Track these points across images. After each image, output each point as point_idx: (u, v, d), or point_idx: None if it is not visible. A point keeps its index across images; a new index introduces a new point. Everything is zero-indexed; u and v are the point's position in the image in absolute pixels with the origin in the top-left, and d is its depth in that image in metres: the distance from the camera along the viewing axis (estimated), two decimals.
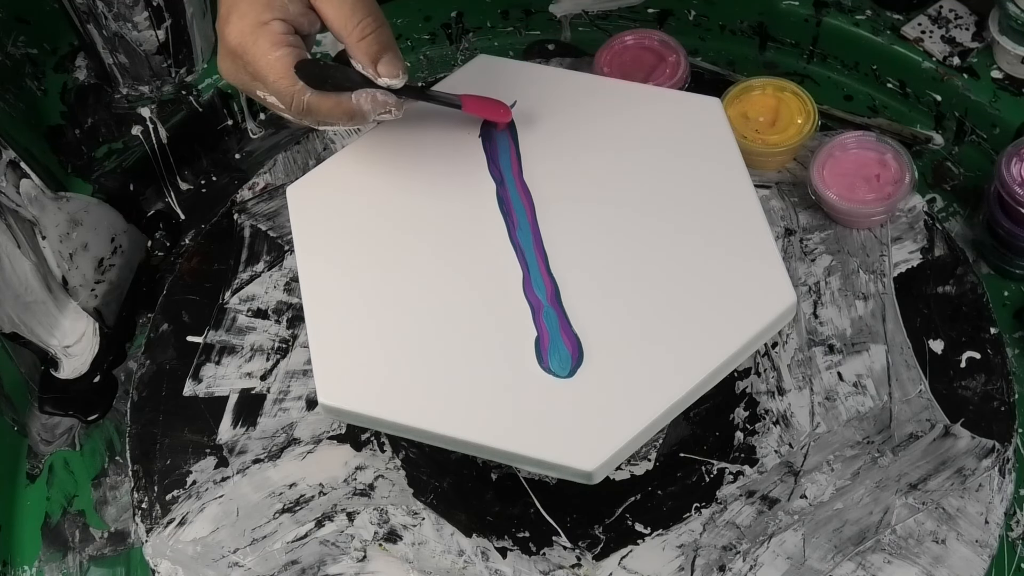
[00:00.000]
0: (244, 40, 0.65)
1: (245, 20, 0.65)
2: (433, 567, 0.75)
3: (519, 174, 0.75)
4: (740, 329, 0.67)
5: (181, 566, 0.77)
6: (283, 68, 0.65)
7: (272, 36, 0.65)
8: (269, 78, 0.65)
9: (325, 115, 0.66)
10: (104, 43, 1.03)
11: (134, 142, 1.05)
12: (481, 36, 1.13)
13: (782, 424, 0.79)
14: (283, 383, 0.84)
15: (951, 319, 0.83)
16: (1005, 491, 0.76)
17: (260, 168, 0.97)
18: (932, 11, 1.03)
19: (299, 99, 0.65)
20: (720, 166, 0.74)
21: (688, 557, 0.74)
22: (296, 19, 0.66)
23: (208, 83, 1.07)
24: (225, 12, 0.66)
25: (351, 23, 0.66)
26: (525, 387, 0.66)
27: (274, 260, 0.90)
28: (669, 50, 0.95)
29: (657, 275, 0.70)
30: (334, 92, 0.66)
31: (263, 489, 0.79)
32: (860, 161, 0.87)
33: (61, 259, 0.94)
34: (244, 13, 0.65)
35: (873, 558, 0.73)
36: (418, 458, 0.80)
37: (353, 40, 0.67)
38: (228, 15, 0.66)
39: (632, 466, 0.78)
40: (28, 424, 0.93)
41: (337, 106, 0.66)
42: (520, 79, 0.79)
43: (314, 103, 0.65)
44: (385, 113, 0.68)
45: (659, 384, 0.65)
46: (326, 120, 0.67)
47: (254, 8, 0.65)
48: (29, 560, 0.88)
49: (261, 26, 0.65)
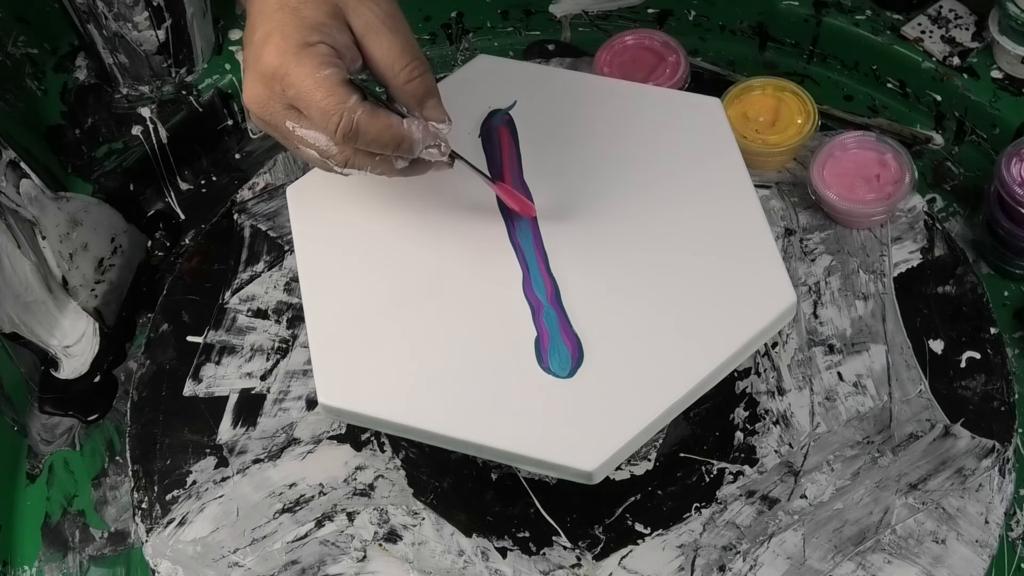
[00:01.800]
0: (286, 60, 0.61)
1: (289, 41, 0.62)
2: (433, 567, 0.75)
3: (519, 174, 0.75)
4: (740, 329, 0.67)
5: (181, 566, 0.77)
6: (332, 85, 0.61)
7: (319, 57, 0.62)
8: (317, 96, 0.61)
9: (374, 137, 0.62)
10: (104, 43, 1.03)
11: (134, 142, 1.05)
12: (481, 36, 1.13)
13: (782, 424, 0.79)
14: (283, 383, 0.84)
15: (951, 319, 0.83)
16: (1005, 491, 0.76)
17: (260, 168, 0.97)
18: (932, 11, 1.03)
19: (349, 117, 0.61)
20: (720, 166, 0.74)
21: (688, 557, 0.74)
22: (341, 49, 0.63)
23: (208, 83, 1.07)
24: (264, 35, 0.63)
25: (399, 64, 0.64)
26: (525, 387, 0.66)
27: (274, 260, 0.90)
28: (669, 50, 0.95)
29: (657, 275, 0.70)
30: (385, 112, 0.63)
31: (263, 489, 0.79)
32: (860, 161, 0.87)
33: (61, 259, 0.94)
34: (288, 35, 0.62)
35: (873, 558, 0.73)
36: (418, 458, 0.80)
37: (400, 81, 0.65)
38: (268, 37, 0.62)
39: (632, 466, 0.78)
40: (28, 424, 0.93)
41: (388, 129, 0.63)
42: (520, 79, 0.79)
43: (364, 123, 0.62)
44: (433, 147, 0.65)
45: (659, 384, 0.66)
46: (371, 145, 0.63)
47: (299, 31, 0.62)
48: (29, 560, 0.88)
49: (307, 47, 0.62)
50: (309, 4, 0.63)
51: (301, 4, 0.63)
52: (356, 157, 0.64)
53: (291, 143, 0.65)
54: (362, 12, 0.64)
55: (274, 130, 0.65)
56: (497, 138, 0.77)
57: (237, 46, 1.09)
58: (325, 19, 0.63)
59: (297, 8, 0.63)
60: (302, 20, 0.62)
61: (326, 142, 0.64)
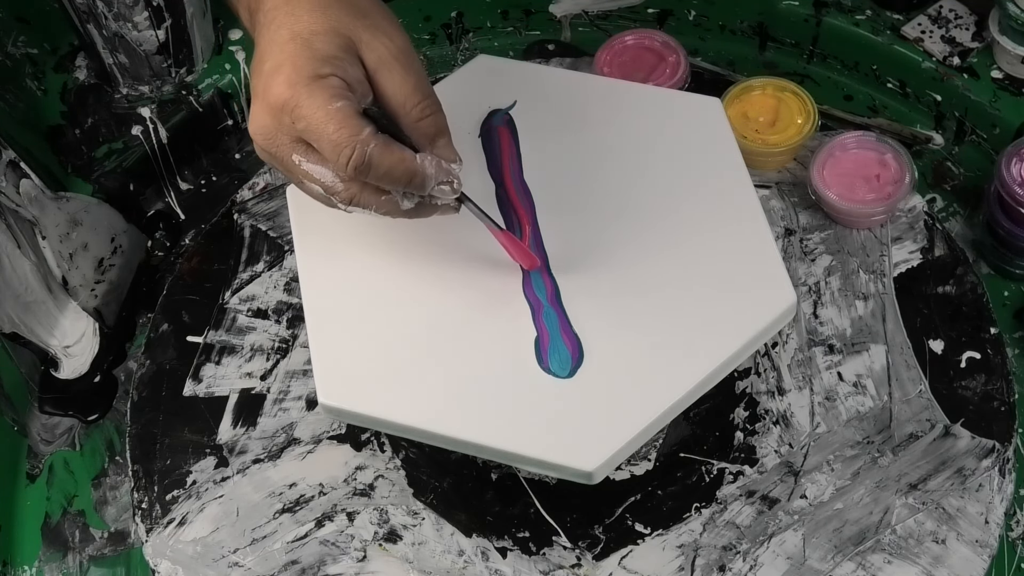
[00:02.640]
0: (297, 92, 0.60)
1: (300, 73, 0.60)
2: (433, 567, 0.75)
3: (519, 174, 0.75)
4: (740, 329, 0.67)
5: (181, 566, 0.77)
6: (345, 117, 0.60)
7: (332, 89, 0.60)
8: (329, 128, 0.60)
9: (386, 171, 0.61)
10: (104, 43, 1.03)
11: (134, 142, 1.05)
12: (481, 36, 1.13)
13: (782, 424, 0.79)
14: (283, 383, 0.84)
15: (951, 319, 0.83)
16: (1005, 491, 0.76)
17: (260, 168, 0.97)
18: (932, 11, 1.03)
19: (362, 149, 0.60)
20: (720, 166, 0.74)
21: (688, 557, 0.74)
22: (353, 83, 0.62)
23: (208, 83, 1.07)
24: (274, 65, 0.61)
25: (412, 100, 0.63)
26: (525, 387, 0.66)
27: (274, 260, 0.90)
28: (669, 50, 0.95)
29: (657, 275, 0.70)
30: (399, 146, 0.62)
31: (263, 489, 0.79)
32: (860, 161, 0.87)
33: (61, 259, 0.94)
34: (300, 66, 0.61)
35: (873, 558, 0.73)
36: (418, 458, 0.80)
37: (412, 119, 0.63)
38: (279, 68, 0.61)
39: (632, 466, 0.78)
40: (28, 424, 0.93)
41: (401, 162, 0.61)
42: (520, 79, 0.79)
43: (377, 155, 0.60)
44: (445, 184, 0.64)
45: (659, 384, 0.65)
46: (383, 179, 0.62)
47: (311, 62, 0.61)
48: (29, 560, 0.88)
49: (319, 79, 0.60)
50: (321, 36, 0.62)
51: (313, 36, 0.62)
52: (363, 194, 0.63)
53: (296, 177, 0.64)
54: (375, 47, 0.63)
55: (279, 163, 0.64)
56: (497, 138, 0.77)
57: (237, 46, 1.09)
58: (337, 52, 0.62)
59: (309, 40, 0.62)
60: (314, 52, 0.61)
61: (332, 178, 0.62)
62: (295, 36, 0.62)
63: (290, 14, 0.63)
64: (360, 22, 0.64)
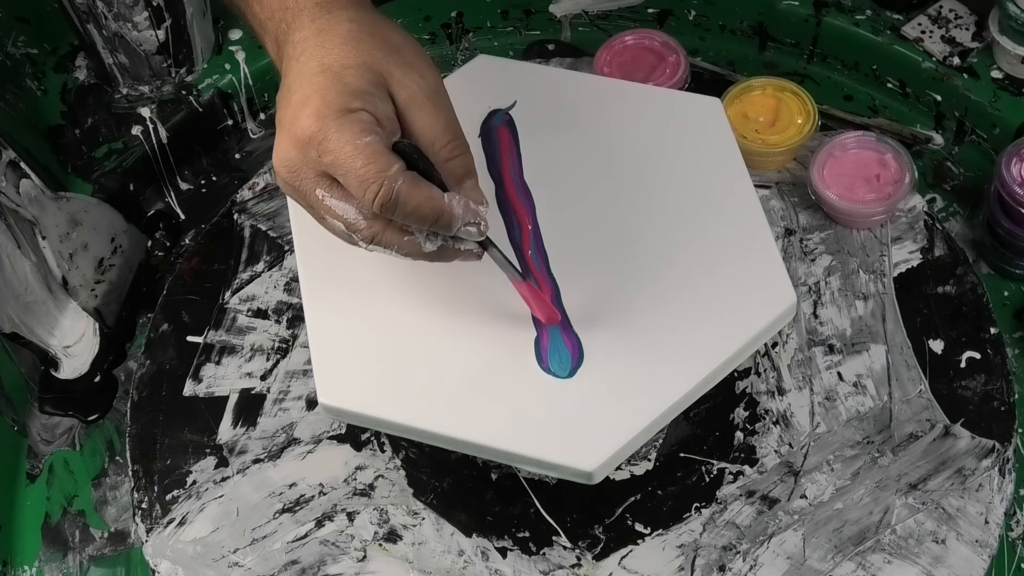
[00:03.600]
0: (326, 125, 0.59)
1: (330, 106, 0.59)
2: (433, 567, 0.75)
3: (519, 174, 0.75)
4: (740, 329, 0.67)
5: (181, 566, 0.77)
6: (374, 153, 0.58)
7: (361, 124, 0.59)
8: (357, 163, 0.58)
9: (413, 208, 0.59)
10: (104, 43, 1.03)
11: (134, 142, 1.05)
12: (481, 36, 1.13)
13: (782, 424, 0.79)
14: (283, 383, 0.84)
15: (951, 319, 0.83)
16: (1005, 491, 0.76)
17: (260, 168, 0.97)
18: (932, 11, 1.03)
19: (389, 186, 0.58)
20: (720, 166, 0.74)
21: (688, 557, 0.74)
22: (382, 119, 0.61)
23: (208, 83, 1.07)
24: (302, 98, 0.60)
25: (441, 141, 0.62)
26: (525, 387, 0.66)
27: (274, 260, 0.90)
28: (669, 50, 0.95)
29: (657, 275, 0.70)
30: (427, 184, 0.60)
31: (263, 489, 0.79)
32: (860, 161, 0.87)
33: (61, 259, 0.94)
34: (329, 100, 0.59)
35: (873, 558, 0.73)
36: (418, 458, 0.80)
37: (441, 159, 0.62)
38: (307, 100, 0.60)
39: (632, 466, 0.78)
40: (28, 424, 0.93)
41: (429, 201, 0.59)
42: (520, 79, 0.79)
43: (405, 193, 0.58)
44: (472, 226, 0.62)
45: (659, 384, 0.65)
46: (409, 217, 0.60)
47: (341, 96, 0.59)
48: (29, 560, 0.88)
49: (349, 113, 0.59)
50: (352, 70, 0.61)
51: (344, 69, 0.61)
52: (386, 233, 0.61)
53: (317, 213, 0.62)
54: (407, 84, 0.62)
55: (301, 197, 0.62)
56: (497, 138, 0.77)
57: (237, 46, 1.09)
58: (368, 87, 0.61)
59: (340, 73, 0.60)
60: (344, 86, 0.60)
61: (355, 214, 0.61)
62: (325, 69, 0.61)
63: (320, 46, 0.62)
64: (392, 58, 0.62)
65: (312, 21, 0.64)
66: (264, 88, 1.09)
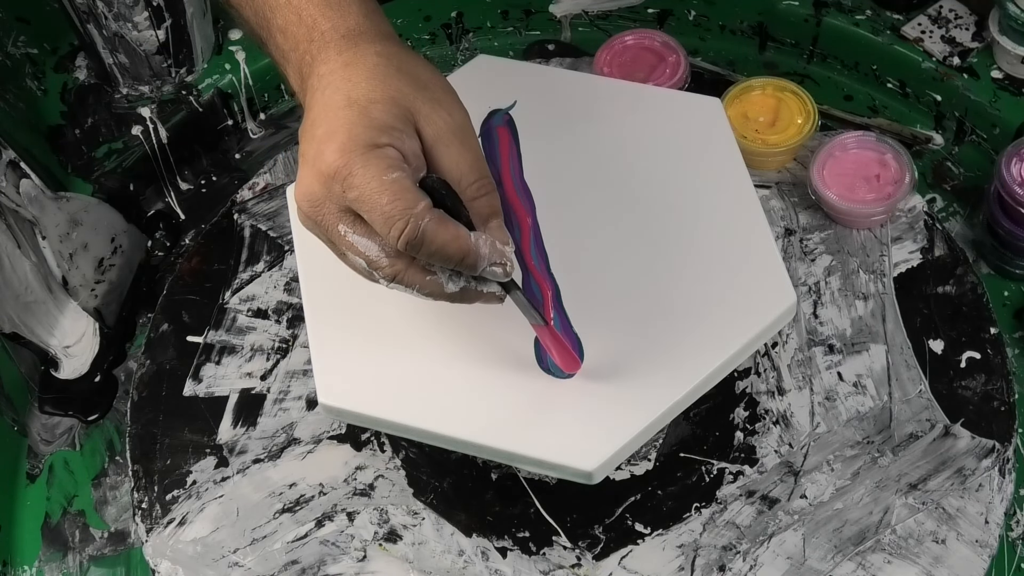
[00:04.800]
0: (351, 161, 0.57)
1: (356, 141, 0.58)
2: (433, 567, 0.75)
3: (519, 174, 0.75)
4: (740, 329, 0.67)
5: (181, 566, 0.77)
6: (400, 189, 0.57)
7: (388, 160, 0.58)
8: (383, 200, 0.57)
9: (439, 247, 0.58)
10: (104, 43, 1.03)
11: (134, 142, 1.05)
12: (481, 36, 1.13)
13: (782, 424, 0.79)
14: (283, 383, 0.84)
15: (951, 319, 0.83)
16: (1005, 491, 0.76)
17: (260, 168, 0.97)
18: (932, 11, 1.03)
19: (415, 224, 0.57)
20: (720, 166, 0.74)
21: (688, 557, 0.74)
22: (408, 155, 0.59)
23: (208, 83, 1.07)
24: (327, 132, 0.59)
25: (468, 179, 0.61)
26: (525, 387, 0.66)
27: (274, 260, 0.90)
28: (669, 50, 0.95)
29: (657, 275, 0.70)
30: (454, 223, 0.59)
31: (263, 489, 0.79)
32: (860, 161, 0.87)
33: (61, 259, 0.94)
34: (356, 135, 0.58)
35: (873, 558, 0.73)
36: (418, 458, 0.80)
37: (467, 198, 0.61)
38: (332, 135, 0.58)
39: (632, 466, 0.78)
40: (28, 424, 0.93)
41: (455, 240, 0.58)
42: (520, 79, 0.79)
43: (431, 231, 0.57)
44: (497, 266, 0.61)
45: (659, 384, 0.65)
46: (434, 256, 0.58)
47: (368, 131, 0.58)
48: (29, 560, 0.88)
49: (375, 148, 0.58)
50: (379, 105, 0.60)
51: (371, 104, 0.59)
52: (408, 272, 0.60)
53: (339, 249, 0.61)
54: (434, 120, 0.61)
55: (323, 232, 0.61)
56: (497, 138, 0.77)
57: (237, 46, 1.09)
58: (395, 123, 0.59)
59: (367, 108, 0.59)
60: (371, 121, 0.59)
61: (378, 252, 0.60)
62: (352, 103, 0.60)
63: (347, 79, 0.61)
64: (420, 94, 0.61)
65: (339, 54, 0.63)
66: (264, 88, 1.09)
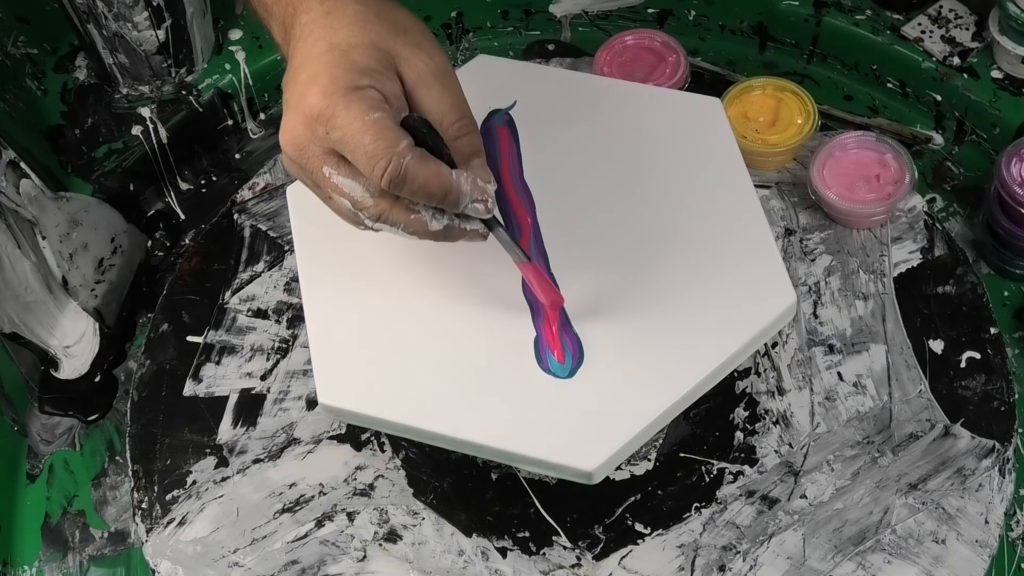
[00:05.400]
0: (334, 102, 0.59)
1: (338, 83, 0.59)
2: (433, 567, 0.75)
3: (519, 174, 0.75)
4: (740, 329, 0.67)
5: (181, 566, 0.77)
6: (383, 128, 0.59)
7: (369, 100, 0.59)
8: (365, 139, 0.58)
9: (421, 184, 0.59)
10: (104, 43, 1.03)
11: (134, 142, 1.05)
12: (481, 36, 1.13)
13: (782, 424, 0.79)
14: (283, 383, 0.84)
15: (951, 319, 0.83)
16: (1005, 491, 0.76)
17: (260, 168, 0.97)
18: (932, 11, 1.03)
19: (398, 162, 0.58)
20: (720, 166, 0.74)
21: (688, 557, 0.74)
22: (390, 97, 0.61)
23: (208, 83, 1.07)
24: (310, 76, 0.60)
25: (449, 119, 0.62)
26: (525, 387, 0.66)
27: (274, 260, 0.90)
28: (669, 50, 0.95)
29: (657, 275, 0.70)
30: (435, 160, 0.60)
31: (263, 489, 0.79)
32: (860, 161, 0.87)
33: (61, 259, 0.94)
34: (337, 77, 0.60)
35: (873, 558, 0.73)
36: (418, 458, 0.80)
37: (448, 137, 0.62)
38: (315, 78, 0.60)
39: (632, 466, 0.78)
40: (28, 424, 0.93)
41: (437, 177, 0.59)
42: (520, 79, 0.79)
43: (413, 169, 0.59)
44: (479, 203, 0.62)
45: (659, 384, 0.65)
46: (417, 193, 0.60)
47: (349, 74, 0.60)
48: (29, 560, 0.88)
49: (357, 90, 0.59)
50: (360, 49, 0.61)
51: (352, 48, 0.61)
52: (392, 210, 0.61)
53: (324, 191, 0.62)
54: (415, 63, 0.62)
55: (308, 175, 0.62)
56: (497, 138, 0.77)
57: (237, 46, 1.09)
58: (376, 65, 0.61)
59: (348, 52, 0.61)
60: (352, 64, 0.60)
61: (362, 192, 0.61)
62: (333, 48, 0.61)
63: (328, 27, 0.62)
64: (401, 39, 0.63)
65: (320, 3, 0.64)
66: (264, 88, 1.09)
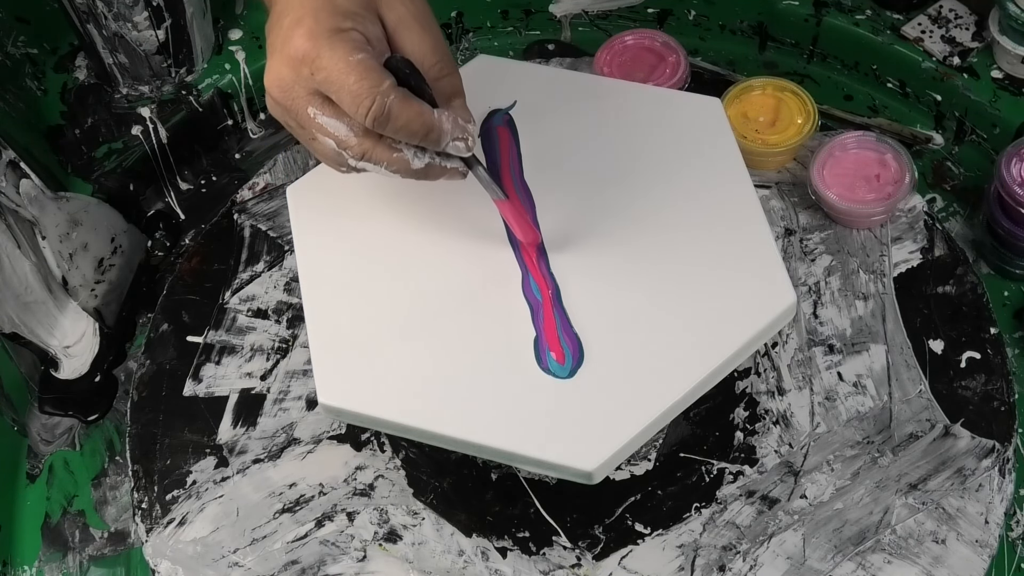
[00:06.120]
0: (318, 44, 0.61)
1: (321, 25, 0.61)
2: (433, 567, 0.76)
3: (519, 174, 0.75)
4: (740, 329, 0.67)
5: (181, 566, 0.77)
6: (367, 69, 0.60)
7: (352, 42, 0.61)
8: (349, 79, 0.60)
9: (404, 123, 0.61)
10: (104, 43, 1.03)
11: (134, 142, 1.05)
12: (481, 36, 1.13)
13: (782, 424, 0.79)
14: (283, 383, 0.84)
15: (951, 319, 0.83)
16: (1005, 491, 0.76)
17: (260, 168, 0.97)
18: (932, 11, 1.03)
19: (382, 101, 0.60)
20: (720, 166, 0.74)
21: (688, 557, 0.74)
22: (372, 39, 0.63)
23: (208, 83, 1.07)
24: (294, 19, 0.62)
25: (429, 60, 0.65)
26: (525, 387, 0.66)
27: (274, 260, 0.90)
28: (669, 50, 0.95)
29: (657, 275, 0.70)
30: (417, 100, 0.62)
31: (263, 489, 0.79)
32: (860, 161, 0.87)
33: (61, 259, 0.94)
34: (321, 20, 0.62)
35: (873, 558, 0.73)
36: (418, 458, 0.80)
37: (429, 78, 0.64)
38: (299, 21, 0.62)
39: (632, 466, 0.78)
40: (28, 424, 0.93)
41: (419, 116, 0.62)
42: (520, 79, 0.79)
43: (396, 107, 0.61)
44: (460, 140, 0.64)
45: (659, 384, 0.65)
46: (400, 132, 0.62)
47: (333, 16, 0.62)
48: (29, 560, 0.88)
49: (340, 32, 0.62)
50: None
51: None
52: (376, 149, 0.63)
53: (308, 133, 0.64)
54: (395, 6, 0.65)
55: (292, 116, 0.64)
56: (497, 138, 0.77)
57: (237, 46, 1.09)
58: (358, 8, 0.63)
59: None
60: (335, 7, 0.62)
61: (346, 132, 0.63)
62: None
63: None
64: None
65: None
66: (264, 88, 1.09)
